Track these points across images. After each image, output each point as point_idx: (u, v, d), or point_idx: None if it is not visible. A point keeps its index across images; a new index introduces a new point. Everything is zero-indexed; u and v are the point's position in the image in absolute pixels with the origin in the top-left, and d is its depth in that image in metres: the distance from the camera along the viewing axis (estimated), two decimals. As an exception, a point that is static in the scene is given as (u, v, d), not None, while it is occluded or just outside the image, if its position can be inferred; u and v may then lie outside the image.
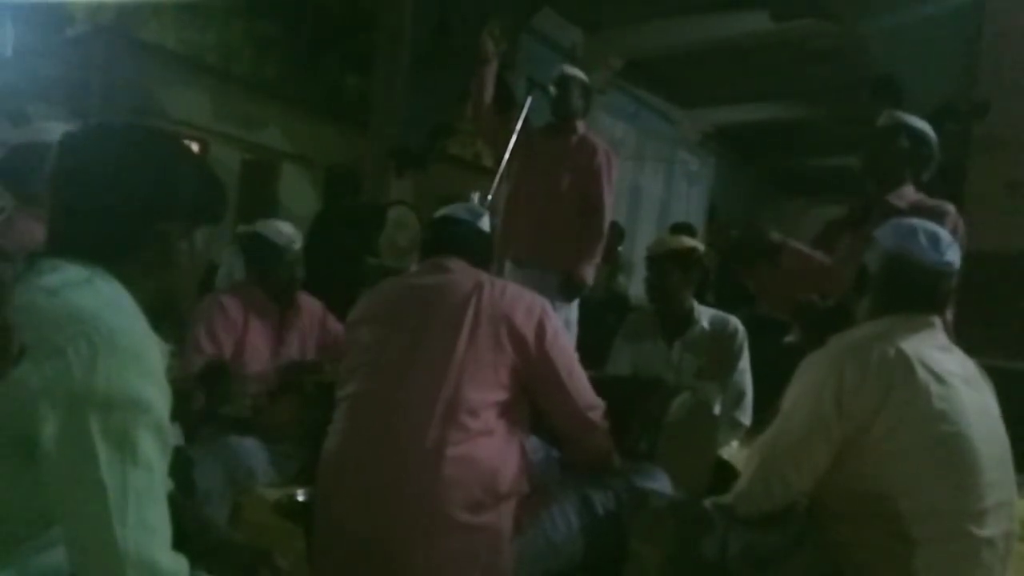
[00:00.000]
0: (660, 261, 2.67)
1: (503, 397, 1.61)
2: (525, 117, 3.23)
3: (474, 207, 1.98)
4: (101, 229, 1.06)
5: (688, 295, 2.69)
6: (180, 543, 0.98)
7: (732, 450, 2.63)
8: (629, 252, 6.95)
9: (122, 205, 1.06)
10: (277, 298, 2.48)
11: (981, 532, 1.39)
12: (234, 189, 6.94)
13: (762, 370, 2.67)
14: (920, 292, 1.54)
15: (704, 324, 2.68)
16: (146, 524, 0.93)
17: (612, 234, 4.32)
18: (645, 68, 7.89)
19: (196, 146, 6.74)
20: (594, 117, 6.95)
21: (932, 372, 1.42)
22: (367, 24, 7.05)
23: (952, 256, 1.54)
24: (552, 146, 3.37)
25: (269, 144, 7.66)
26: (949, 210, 2.19)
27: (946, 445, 1.40)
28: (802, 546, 1.47)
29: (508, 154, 3.18)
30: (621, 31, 7.30)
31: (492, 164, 3.66)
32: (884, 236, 1.59)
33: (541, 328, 1.66)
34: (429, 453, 1.52)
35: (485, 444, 1.56)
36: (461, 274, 1.74)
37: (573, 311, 3.36)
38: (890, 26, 5.67)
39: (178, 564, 0.97)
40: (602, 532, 1.66)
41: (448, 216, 1.90)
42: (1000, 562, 1.44)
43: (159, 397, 0.97)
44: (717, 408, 2.56)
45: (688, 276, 2.66)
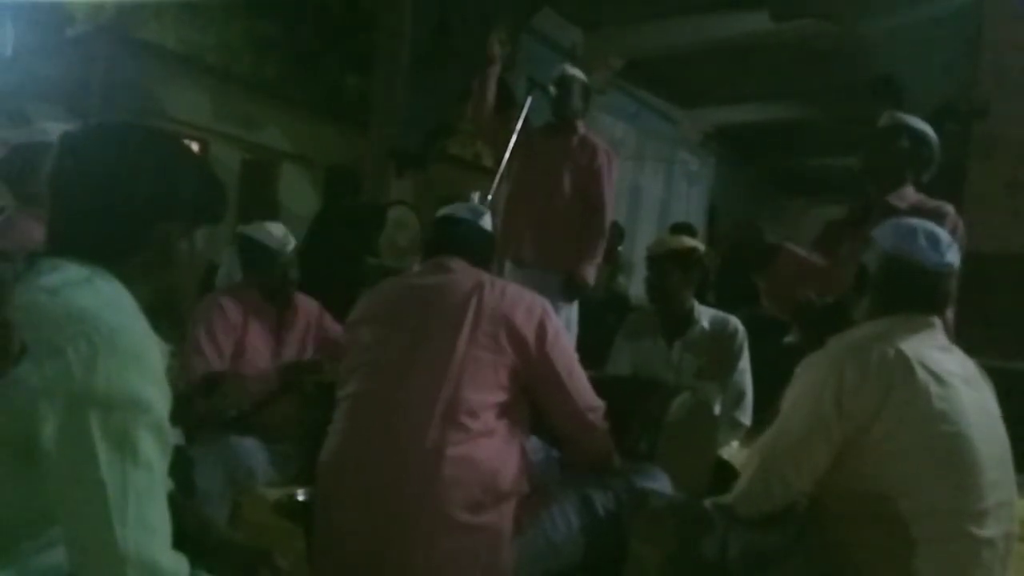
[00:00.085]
0: (660, 261, 2.67)
1: (503, 398, 1.61)
2: (525, 117, 3.23)
3: (475, 206, 1.98)
4: (101, 229, 1.06)
5: (688, 295, 2.69)
6: (180, 543, 0.98)
7: (732, 450, 2.63)
8: (629, 252, 6.95)
9: (122, 205, 1.06)
10: (273, 299, 2.48)
11: (981, 532, 1.39)
12: (234, 189, 6.94)
13: (762, 370, 2.67)
14: (920, 293, 1.53)
15: (704, 324, 2.68)
16: (146, 524, 0.93)
17: (612, 234, 4.32)
18: (645, 68, 7.88)
19: (196, 146, 6.74)
20: (594, 117, 6.95)
21: (932, 372, 1.42)
22: (367, 24, 7.05)
23: (952, 257, 1.54)
24: (553, 146, 3.37)
25: (269, 144, 7.66)
26: (949, 211, 2.19)
27: (946, 445, 1.40)
28: (802, 546, 1.47)
29: (508, 154, 3.19)
30: (621, 31, 7.29)
31: (492, 164, 3.66)
32: (883, 237, 1.59)
33: (542, 329, 1.65)
34: (429, 453, 1.52)
35: (485, 444, 1.56)
36: (462, 274, 1.74)
37: (573, 311, 3.36)
38: (890, 26, 5.68)
39: (178, 564, 0.97)
40: (602, 532, 1.66)
41: (449, 216, 1.90)
42: (1000, 562, 1.44)
43: (159, 397, 0.97)
44: (717, 408, 2.56)
45: (688, 276, 2.66)
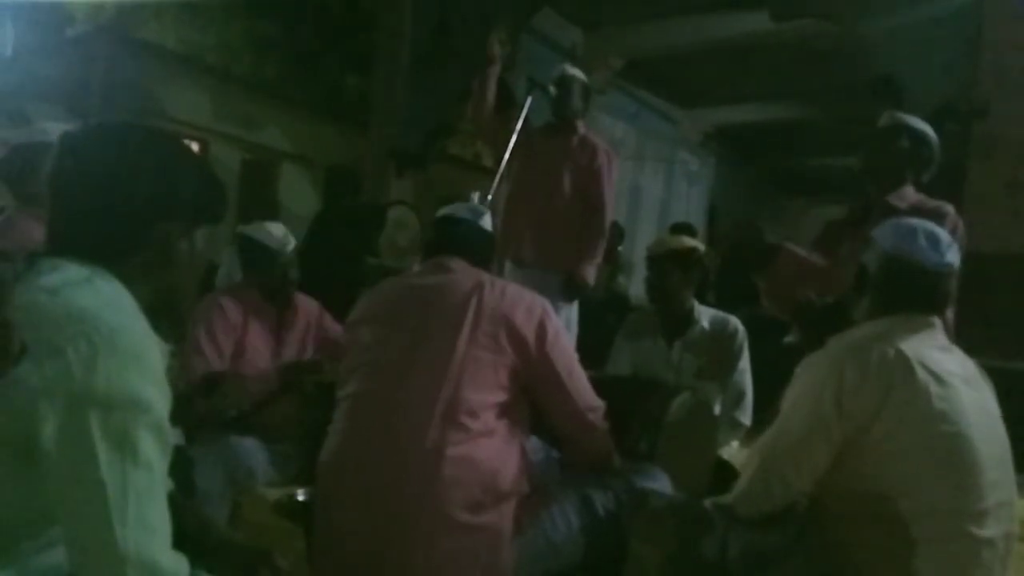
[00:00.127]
0: (660, 261, 2.67)
1: (503, 398, 1.61)
2: (525, 117, 3.23)
3: (475, 207, 1.98)
4: (101, 229, 1.05)
5: (688, 295, 2.69)
6: (180, 543, 0.98)
7: (732, 450, 2.63)
8: (629, 252, 6.95)
9: (122, 205, 1.06)
10: (273, 300, 2.48)
11: (981, 532, 1.39)
12: (234, 189, 6.94)
13: (762, 370, 2.67)
14: (920, 293, 1.53)
15: (704, 324, 2.68)
16: (146, 524, 0.93)
17: (612, 234, 4.32)
18: (645, 68, 7.88)
19: (196, 146, 6.74)
20: (594, 117, 6.95)
21: (932, 372, 1.42)
22: (367, 24, 7.04)
23: (952, 257, 1.54)
24: (553, 146, 3.37)
25: (269, 144, 7.65)
26: (949, 211, 2.19)
27: (946, 445, 1.40)
28: (802, 546, 1.47)
29: (508, 154, 3.19)
30: (621, 31, 7.29)
31: (492, 164, 3.66)
32: (883, 237, 1.59)
33: (542, 329, 1.65)
34: (429, 453, 1.52)
35: (485, 445, 1.56)
36: (462, 274, 1.74)
37: (573, 311, 3.36)
38: (890, 26, 5.68)
39: (178, 564, 0.97)
40: (602, 532, 1.66)
41: (450, 216, 1.90)
42: (1000, 562, 1.44)
43: (159, 397, 0.97)
44: (717, 408, 2.56)
45: (688, 276, 2.66)
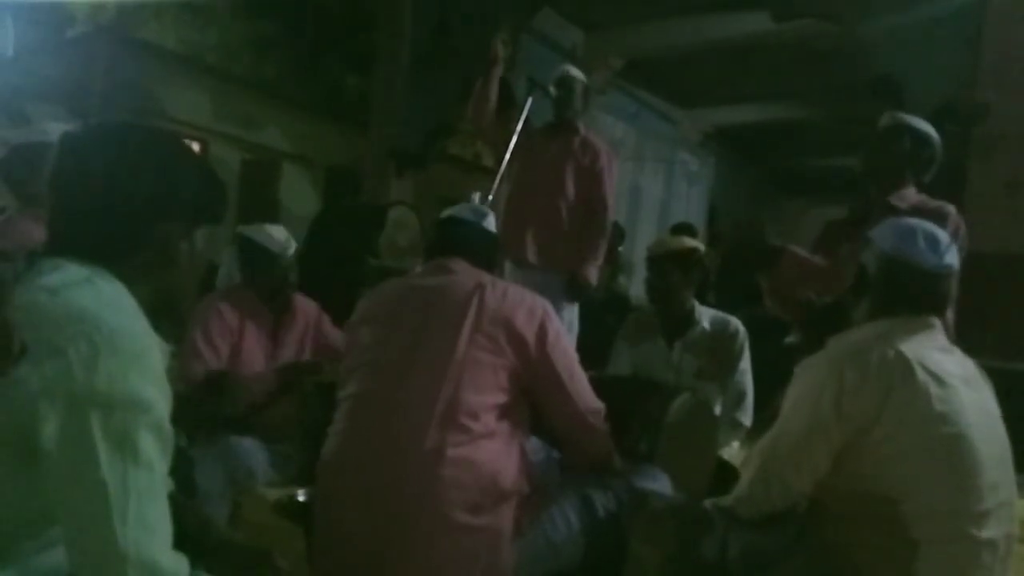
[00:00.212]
0: (660, 262, 2.67)
1: (503, 399, 1.61)
2: (525, 118, 3.23)
3: (479, 208, 1.97)
4: (101, 229, 1.06)
5: (688, 296, 2.69)
6: (180, 543, 0.98)
7: (732, 451, 2.63)
8: (629, 252, 6.95)
9: (122, 205, 1.06)
10: (272, 302, 2.47)
11: (982, 533, 1.39)
12: (234, 189, 6.92)
13: (762, 371, 2.67)
14: (919, 294, 1.53)
15: (705, 325, 2.67)
16: (146, 524, 0.93)
17: (612, 235, 4.31)
18: (645, 68, 7.88)
19: (196, 146, 6.74)
20: (594, 117, 6.95)
21: (932, 374, 1.41)
22: (367, 24, 7.04)
23: (951, 258, 1.53)
24: (554, 147, 3.37)
25: (269, 144, 7.65)
26: (950, 212, 2.19)
27: (946, 447, 1.39)
28: (802, 547, 1.47)
29: (508, 155, 3.18)
30: (621, 31, 7.29)
31: (492, 164, 3.66)
32: (882, 238, 1.58)
33: (542, 331, 1.65)
34: (428, 454, 1.52)
35: (486, 446, 1.56)
36: (463, 275, 1.74)
37: (573, 312, 3.36)
38: (890, 26, 5.68)
39: (178, 564, 0.97)
40: (602, 533, 1.66)
41: (452, 217, 1.90)
42: (1000, 563, 1.44)
43: (159, 397, 0.98)
44: (717, 409, 2.56)
45: (688, 277, 2.66)
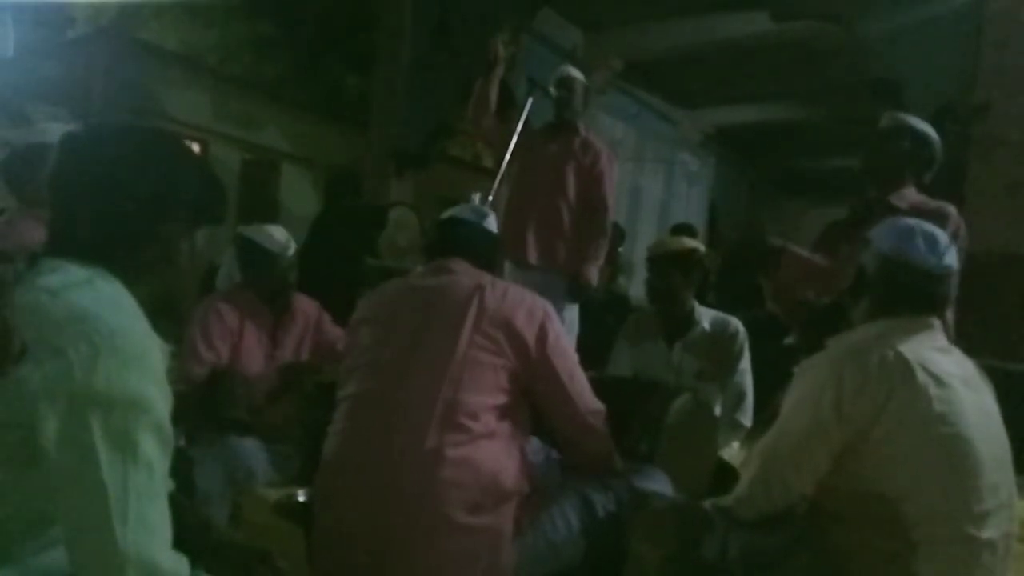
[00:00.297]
0: (660, 262, 2.67)
1: (503, 400, 1.61)
2: (525, 118, 3.23)
3: (479, 208, 1.97)
4: (102, 230, 1.06)
5: (689, 296, 2.69)
6: (180, 543, 0.98)
7: (732, 451, 2.63)
8: (629, 253, 6.95)
9: (122, 205, 1.06)
10: (271, 302, 2.47)
11: (981, 534, 1.39)
12: (234, 189, 6.93)
13: (762, 371, 2.67)
14: (918, 295, 1.53)
15: (705, 325, 2.67)
16: (146, 524, 0.93)
17: (613, 235, 4.32)
18: (645, 69, 7.88)
19: (196, 146, 6.74)
20: (594, 117, 6.95)
21: (931, 374, 1.41)
22: (367, 24, 7.04)
23: (950, 259, 1.53)
24: (554, 147, 3.37)
25: (269, 144, 7.65)
26: (951, 212, 2.19)
27: (946, 447, 1.39)
28: (802, 548, 1.47)
29: (508, 155, 3.19)
30: (621, 31, 7.29)
31: (492, 165, 3.66)
32: (881, 238, 1.58)
33: (542, 332, 1.65)
34: (428, 454, 1.52)
35: (486, 447, 1.56)
36: (463, 276, 1.74)
37: (573, 312, 3.36)
38: (891, 27, 5.68)
39: (178, 564, 0.97)
40: (602, 533, 1.66)
41: (453, 217, 1.90)
42: (1000, 564, 1.44)
43: (159, 397, 0.98)
44: (717, 410, 2.56)
45: (689, 277, 2.66)
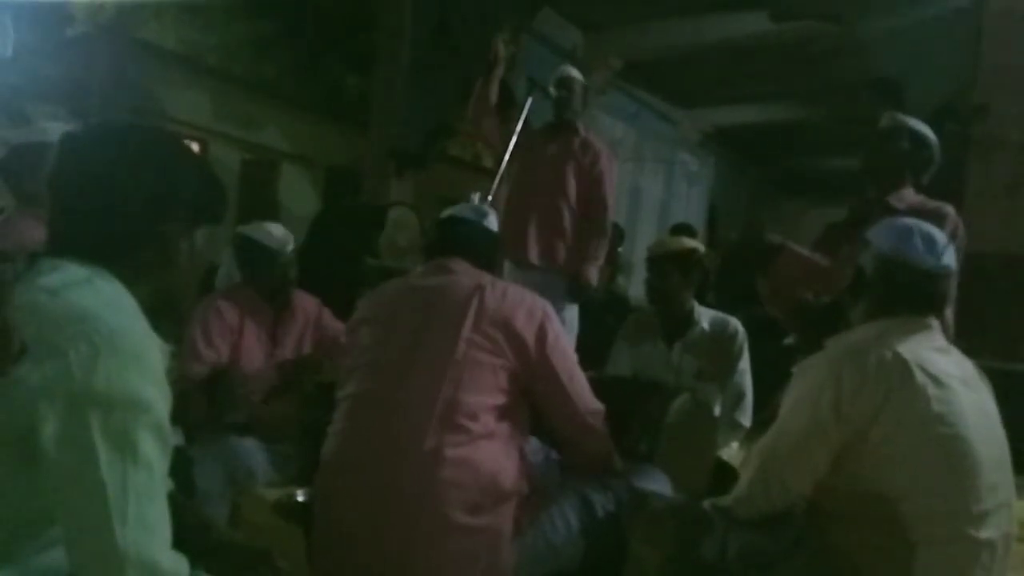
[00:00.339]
0: (660, 262, 2.67)
1: (502, 400, 1.61)
2: (525, 118, 3.23)
3: (479, 207, 1.97)
4: (101, 229, 1.06)
5: (688, 296, 2.69)
6: (180, 543, 0.98)
7: (732, 451, 2.63)
8: (629, 253, 6.95)
9: (122, 205, 1.06)
10: (272, 300, 2.47)
11: (980, 534, 1.39)
12: (234, 189, 6.92)
13: (762, 371, 2.67)
14: (916, 295, 1.53)
15: (704, 325, 2.67)
16: (146, 524, 0.93)
17: (612, 235, 4.32)
18: (645, 68, 7.88)
19: (196, 146, 6.73)
20: (594, 117, 6.95)
21: (930, 375, 1.41)
22: (367, 24, 7.04)
23: (948, 259, 1.53)
24: (554, 147, 3.37)
25: (269, 144, 7.64)
26: (949, 212, 2.19)
27: (945, 448, 1.39)
28: (801, 548, 1.47)
29: (508, 155, 3.19)
30: (621, 31, 7.30)
31: (492, 165, 3.66)
32: (879, 238, 1.58)
33: (542, 332, 1.65)
34: (428, 454, 1.52)
35: (485, 447, 1.56)
36: (463, 275, 1.74)
37: (573, 312, 3.36)
38: (890, 27, 5.68)
39: (178, 564, 0.97)
40: (602, 533, 1.66)
41: (453, 216, 1.90)
42: (999, 564, 1.44)
43: (159, 397, 0.98)
44: (717, 410, 2.56)
45: (688, 277, 2.66)
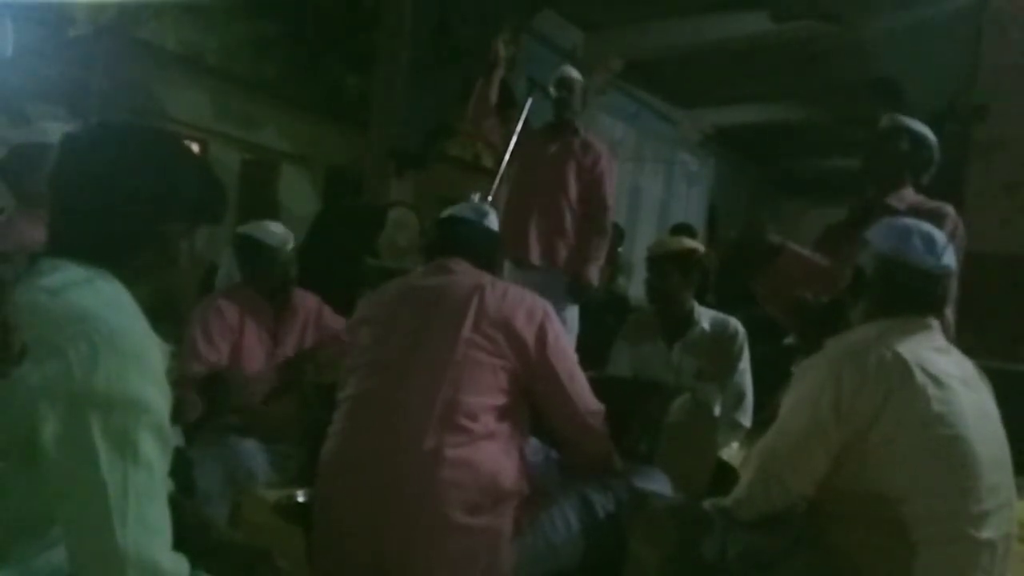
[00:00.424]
0: (660, 262, 2.67)
1: (502, 401, 1.61)
2: (525, 118, 3.23)
3: (480, 206, 1.96)
4: (102, 229, 1.06)
5: (688, 296, 2.69)
6: (180, 543, 0.98)
7: (732, 451, 2.63)
8: (629, 253, 6.95)
9: (123, 205, 1.06)
10: (272, 299, 2.46)
11: (980, 534, 1.39)
12: (234, 189, 6.92)
13: (762, 371, 2.67)
14: (916, 295, 1.53)
15: (704, 325, 2.67)
16: (146, 524, 0.93)
17: (612, 235, 4.32)
18: (645, 69, 7.88)
19: (196, 146, 6.73)
20: (594, 117, 6.95)
21: (930, 375, 1.41)
22: (367, 24, 7.04)
23: (948, 259, 1.53)
24: (554, 147, 3.37)
25: (269, 144, 7.64)
26: (949, 212, 2.19)
27: (945, 448, 1.39)
28: (801, 548, 1.47)
29: (508, 155, 3.19)
30: (621, 31, 7.30)
31: (492, 165, 3.66)
32: (878, 238, 1.58)
33: (542, 332, 1.65)
34: (427, 455, 1.52)
35: (485, 447, 1.56)
36: (463, 276, 1.74)
37: (573, 312, 3.36)
38: (890, 27, 5.68)
39: (178, 564, 0.97)
40: (602, 534, 1.66)
41: (453, 216, 1.90)
42: (999, 564, 1.44)
43: (159, 397, 0.98)
44: (717, 410, 2.57)
45: (688, 277, 2.66)
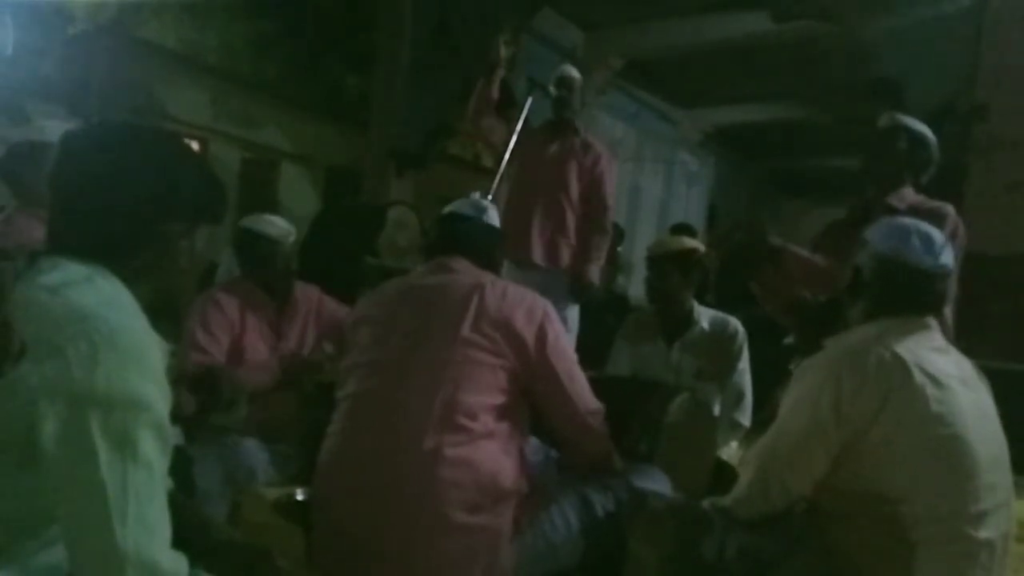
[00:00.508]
0: (660, 262, 2.67)
1: (502, 400, 1.61)
2: (525, 118, 3.23)
3: (479, 202, 1.94)
4: (101, 228, 1.06)
5: (688, 296, 2.69)
6: (180, 543, 0.98)
7: (731, 451, 2.63)
8: (629, 253, 6.96)
9: (123, 205, 1.06)
10: (273, 292, 2.44)
11: (979, 534, 1.39)
12: (234, 189, 6.92)
13: (762, 371, 2.68)
14: (914, 295, 1.53)
15: (704, 325, 2.68)
16: (146, 523, 0.93)
17: (612, 235, 4.32)
18: (645, 68, 7.89)
19: (196, 146, 6.73)
20: (594, 117, 6.96)
21: (929, 375, 1.41)
22: (367, 24, 7.04)
23: (946, 258, 1.53)
24: (555, 147, 3.37)
25: (269, 144, 7.64)
26: (949, 212, 2.19)
27: (944, 448, 1.40)
28: (800, 548, 1.47)
29: (508, 155, 3.19)
30: (621, 31, 7.31)
31: (492, 165, 3.66)
32: (877, 238, 1.58)
33: (542, 332, 1.65)
34: (427, 454, 1.52)
35: (485, 447, 1.56)
36: (463, 274, 1.73)
37: (573, 311, 3.36)
38: (890, 27, 5.68)
39: (178, 563, 0.97)
40: (601, 533, 1.66)
41: (453, 213, 1.89)
42: (998, 564, 1.44)
43: (159, 396, 0.98)
44: (716, 409, 2.57)
45: (688, 277, 2.66)
